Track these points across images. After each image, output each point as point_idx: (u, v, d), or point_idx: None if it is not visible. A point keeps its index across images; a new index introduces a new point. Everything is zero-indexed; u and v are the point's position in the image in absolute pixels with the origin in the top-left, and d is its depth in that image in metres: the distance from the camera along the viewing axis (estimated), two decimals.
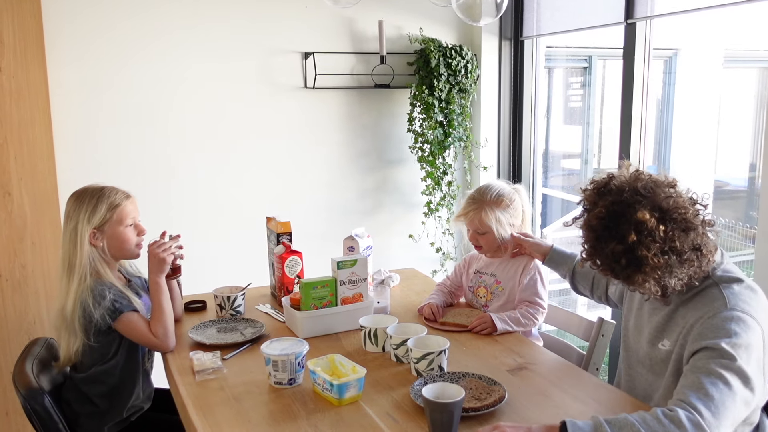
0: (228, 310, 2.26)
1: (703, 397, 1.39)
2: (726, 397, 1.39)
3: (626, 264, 1.50)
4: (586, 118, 5.72)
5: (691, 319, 1.56)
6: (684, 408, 1.37)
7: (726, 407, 1.39)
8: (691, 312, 1.58)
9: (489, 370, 1.80)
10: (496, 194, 2.26)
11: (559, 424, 1.38)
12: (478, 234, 2.27)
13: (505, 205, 2.24)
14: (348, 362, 1.71)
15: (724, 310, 1.50)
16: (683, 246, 1.49)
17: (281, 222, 2.43)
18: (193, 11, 3.10)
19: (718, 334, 1.46)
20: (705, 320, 1.51)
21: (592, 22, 3.14)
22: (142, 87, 3.07)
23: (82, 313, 1.89)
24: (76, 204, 1.97)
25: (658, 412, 1.37)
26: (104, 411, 1.98)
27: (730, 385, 1.40)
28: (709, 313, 1.51)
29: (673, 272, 1.51)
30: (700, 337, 1.49)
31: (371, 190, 3.61)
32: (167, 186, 3.16)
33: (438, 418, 1.44)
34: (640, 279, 1.51)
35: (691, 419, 1.35)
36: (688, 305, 1.60)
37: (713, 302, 1.53)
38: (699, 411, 1.36)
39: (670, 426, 1.34)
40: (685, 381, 1.46)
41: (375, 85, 3.45)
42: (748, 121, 5.32)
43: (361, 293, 2.15)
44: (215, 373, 1.81)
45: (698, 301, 1.58)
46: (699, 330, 1.51)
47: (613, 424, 1.36)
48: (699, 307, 1.56)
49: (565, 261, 2.14)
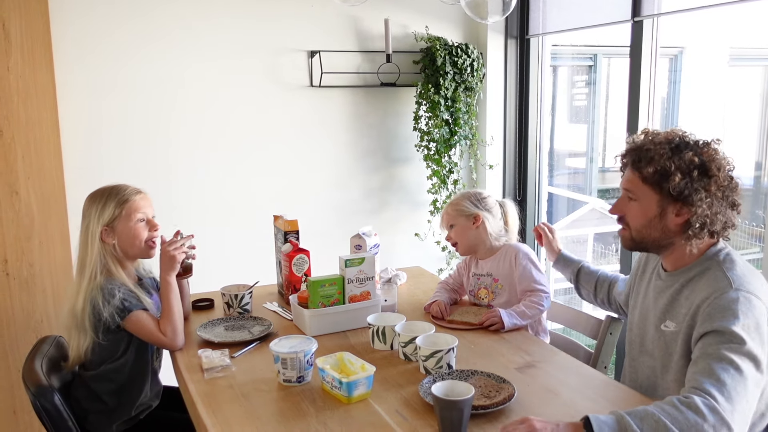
0: (236, 309, 2.27)
1: (715, 382, 1.42)
2: (737, 382, 1.42)
3: (697, 176, 1.60)
4: (591, 116, 5.71)
5: (696, 299, 1.60)
6: (699, 394, 1.40)
7: (738, 392, 1.42)
8: (695, 293, 1.62)
9: (497, 368, 1.80)
10: (465, 192, 2.40)
11: (582, 420, 1.39)
12: (450, 230, 2.34)
13: (470, 195, 2.34)
14: (357, 360, 1.71)
15: (729, 290, 1.54)
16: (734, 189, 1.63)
17: (288, 220, 2.43)
18: (199, 11, 3.11)
19: (725, 315, 1.50)
20: (712, 301, 1.55)
21: (599, 20, 3.13)
22: (149, 86, 3.07)
23: (91, 311, 1.90)
24: (90, 204, 2.00)
25: (674, 400, 1.40)
26: (113, 409, 1.99)
27: (741, 369, 1.44)
28: (715, 294, 1.55)
29: (723, 204, 1.62)
30: (709, 318, 1.53)
31: (377, 188, 3.61)
32: (174, 184, 3.17)
33: (448, 415, 1.44)
34: (703, 195, 1.60)
35: (708, 404, 1.38)
36: (692, 286, 1.65)
37: (718, 283, 1.57)
38: (713, 396, 1.39)
39: (688, 412, 1.36)
40: (696, 368, 1.48)
41: (381, 83, 3.45)
42: (754, 119, 5.30)
43: (369, 291, 2.15)
44: (224, 371, 1.82)
45: (702, 282, 1.62)
46: (707, 311, 1.54)
47: (635, 416, 1.37)
48: (704, 288, 1.60)
49: (571, 264, 2.25)
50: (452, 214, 2.33)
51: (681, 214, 1.63)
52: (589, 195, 5.72)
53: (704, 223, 1.61)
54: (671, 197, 1.62)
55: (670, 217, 1.65)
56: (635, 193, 1.69)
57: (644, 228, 1.69)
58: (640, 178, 1.67)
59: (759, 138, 5.26)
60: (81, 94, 2.96)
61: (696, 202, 1.60)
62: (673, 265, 1.73)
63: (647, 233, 1.69)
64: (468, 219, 2.30)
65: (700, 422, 1.35)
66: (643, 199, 1.67)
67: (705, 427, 1.35)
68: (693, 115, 5.20)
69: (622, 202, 1.74)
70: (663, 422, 1.35)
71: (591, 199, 5.55)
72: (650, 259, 1.89)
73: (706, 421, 1.35)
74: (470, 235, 2.31)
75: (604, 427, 1.35)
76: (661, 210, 1.65)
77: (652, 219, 1.67)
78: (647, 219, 1.67)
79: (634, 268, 1.98)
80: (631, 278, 1.98)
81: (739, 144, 5.36)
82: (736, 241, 5.10)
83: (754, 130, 5.30)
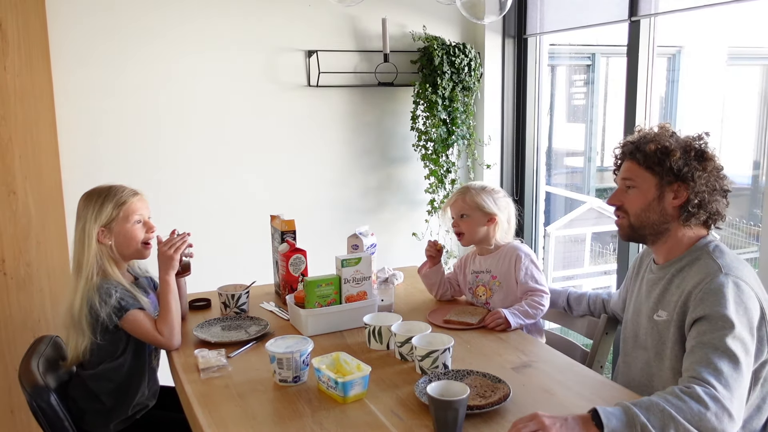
0: (232, 308, 2.27)
1: (714, 371, 1.48)
2: (733, 370, 1.49)
3: (694, 156, 1.69)
4: (589, 115, 5.72)
5: (687, 286, 1.66)
6: (699, 384, 1.46)
7: (735, 379, 1.48)
8: (686, 280, 1.68)
9: (493, 368, 1.80)
10: (483, 185, 2.36)
11: (590, 413, 1.41)
12: (460, 219, 2.32)
13: (489, 191, 2.33)
14: (353, 360, 1.72)
15: (719, 275, 1.61)
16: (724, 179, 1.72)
17: (285, 220, 2.43)
18: (196, 11, 3.10)
19: (717, 299, 1.57)
20: (704, 286, 1.61)
21: (596, 19, 3.14)
22: (146, 87, 3.07)
23: (88, 311, 1.90)
24: (85, 204, 1.99)
25: (676, 390, 1.45)
26: (110, 408, 1.99)
27: (736, 356, 1.50)
28: (706, 279, 1.62)
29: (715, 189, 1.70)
30: (701, 302, 1.59)
31: (375, 188, 3.61)
32: (171, 184, 3.17)
33: (443, 415, 1.44)
34: (699, 174, 1.68)
35: (709, 393, 1.43)
36: (683, 275, 1.71)
37: (708, 269, 1.65)
38: (713, 385, 1.45)
39: (691, 402, 1.42)
40: (693, 357, 1.53)
41: (378, 83, 3.46)
42: (752, 118, 5.31)
43: (365, 291, 2.16)
44: (220, 371, 1.82)
45: (693, 270, 1.69)
46: (699, 296, 1.61)
47: (641, 406, 1.41)
48: (695, 275, 1.67)
49: (560, 295, 2.30)
50: (469, 205, 2.30)
51: (679, 196, 1.71)
52: (587, 194, 5.73)
53: (702, 201, 1.68)
54: (670, 176, 1.70)
55: (668, 199, 1.72)
56: (634, 180, 1.76)
57: (643, 212, 1.76)
58: (638, 164, 1.75)
59: (757, 137, 5.27)
60: (78, 94, 2.96)
61: (695, 178, 1.68)
62: (664, 257, 1.79)
63: (646, 217, 1.76)
64: (484, 215, 2.30)
65: (704, 411, 1.41)
66: (642, 185, 1.75)
67: (708, 416, 1.41)
68: (691, 114, 5.21)
69: (620, 192, 1.81)
70: (668, 411, 1.39)
71: (589, 199, 5.56)
72: (643, 260, 1.94)
73: (709, 409, 1.41)
74: (480, 231, 2.32)
75: (612, 418, 1.38)
76: (660, 193, 1.73)
77: (651, 202, 1.74)
78: (647, 202, 1.74)
79: (628, 276, 2.01)
80: (626, 284, 2.02)
81: (737, 143, 5.37)
82: (735, 240, 5.10)
83: (752, 129, 5.31)
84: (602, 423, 1.37)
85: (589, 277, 5.72)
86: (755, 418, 1.67)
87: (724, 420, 1.42)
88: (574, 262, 5.75)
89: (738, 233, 5.18)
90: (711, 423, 1.40)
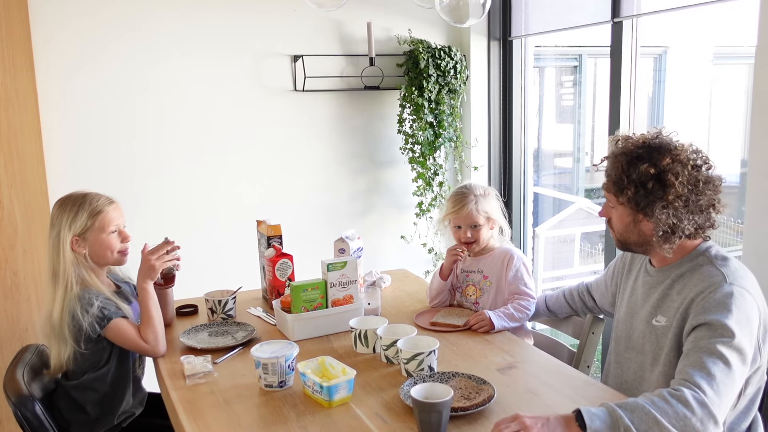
0: (219, 314, 2.27)
1: (706, 375, 1.46)
2: (726, 376, 1.47)
3: (652, 188, 1.62)
4: (577, 116, 5.74)
5: (690, 293, 1.63)
6: (689, 387, 1.44)
7: (726, 385, 1.46)
8: (688, 288, 1.65)
9: (479, 370, 1.81)
10: (482, 188, 2.34)
11: (574, 413, 1.41)
12: (473, 229, 2.30)
13: (488, 194, 2.33)
14: (338, 364, 1.72)
15: (724, 284, 1.58)
16: (704, 191, 1.62)
17: (271, 225, 2.43)
18: (181, 16, 3.10)
19: (720, 308, 1.54)
20: (707, 295, 1.58)
21: (580, 21, 3.15)
22: (132, 93, 3.07)
23: (71, 321, 1.88)
24: (60, 211, 1.96)
25: (665, 392, 1.43)
26: (95, 419, 1.98)
27: (730, 363, 1.48)
28: (710, 288, 1.59)
29: (688, 210, 1.61)
30: (703, 311, 1.56)
31: (362, 191, 3.61)
32: (157, 190, 3.16)
33: (426, 418, 1.45)
34: (660, 206, 1.61)
35: (696, 398, 1.42)
36: (684, 281, 1.68)
37: (712, 278, 1.61)
38: (703, 390, 1.43)
39: (678, 405, 1.40)
40: (688, 360, 1.52)
41: (364, 87, 3.46)
42: (739, 117, 5.34)
43: (352, 295, 2.16)
44: (206, 377, 1.81)
45: (695, 277, 1.65)
46: (702, 304, 1.58)
47: (625, 408, 1.40)
48: (697, 283, 1.63)
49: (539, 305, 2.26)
50: (481, 214, 2.28)
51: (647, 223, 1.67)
52: (576, 195, 5.74)
53: (667, 231, 1.64)
54: (633, 205, 1.67)
55: (642, 223, 1.69)
56: (610, 202, 1.76)
57: (624, 233, 1.75)
58: (607, 190, 1.74)
59: (744, 136, 5.30)
60: (63, 101, 2.95)
61: (655, 212, 1.63)
62: (660, 263, 1.77)
63: (628, 237, 1.75)
64: (488, 220, 2.31)
65: (689, 415, 1.40)
66: (617, 207, 1.73)
67: (693, 421, 1.40)
68: (678, 113, 5.23)
69: (607, 206, 1.80)
70: (653, 414, 1.38)
71: (578, 199, 5.58)
72: (635, 258, 1.92)
73: (695, 414, 1.40)
74: (486, 236, 2.33)
75: (596, 419, 1.38)
76: (633, 218, 1.70)
77: (628, 225, 1.72)
78: (624, 225, 1.73)
79: (616, 267, 2.00)
80: (615, 277, 2.00)
81: (724, 141, 5.40)
82: (723, 237, 5.13)
83: (739, 128, 5.33)
84: (585, 424, 1.37)
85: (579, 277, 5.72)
86: (742, 420, 1.67)
87: (709, 426, 1.40)
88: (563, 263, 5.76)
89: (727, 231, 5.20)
90: (695, 428, 1.39)
